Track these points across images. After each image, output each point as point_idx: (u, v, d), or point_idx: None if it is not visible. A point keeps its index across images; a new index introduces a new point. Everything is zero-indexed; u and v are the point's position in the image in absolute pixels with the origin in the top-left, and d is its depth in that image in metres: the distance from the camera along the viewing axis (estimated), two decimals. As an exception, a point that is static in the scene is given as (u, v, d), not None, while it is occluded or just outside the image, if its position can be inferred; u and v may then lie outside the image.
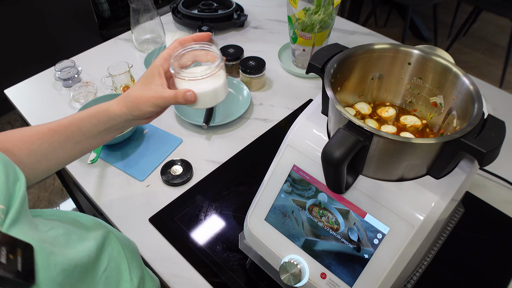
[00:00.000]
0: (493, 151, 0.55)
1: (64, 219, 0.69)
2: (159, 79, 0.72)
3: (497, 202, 1.01)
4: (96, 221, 0.77)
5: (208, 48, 0.75)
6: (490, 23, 3.87)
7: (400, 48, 0.70)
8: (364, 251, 0.67)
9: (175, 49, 0.75)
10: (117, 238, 0.77)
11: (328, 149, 0.55)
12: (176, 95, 0.71)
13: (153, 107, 0.71)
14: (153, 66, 0.73)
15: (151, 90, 0.71)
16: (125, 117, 0.73)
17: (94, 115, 0.73)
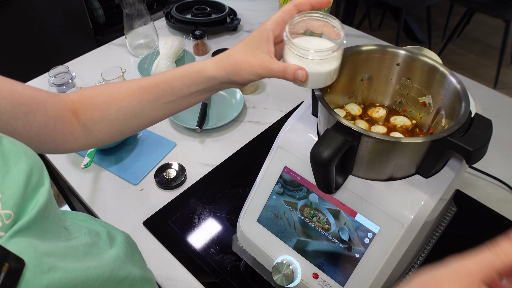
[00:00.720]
0: (480, 149, 0.55)
1: (94, 228, 0.68)
2: (268, 45, 0.64)
3: (490, 200, 1.02)
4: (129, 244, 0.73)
5: (331, 21, 0.67)
6: (484, 24, 3.89)
7: (387, 49, 0.71)
8: (355, 250, 0.67)
9: (289, 13, 0.65)
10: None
11: (316, 150, 0.55)
12: (286, 70, 0.62)
13: (256, 76, 0.64)
14: (263, 29, 0.64)
15: (257, 57, 0.63)
16: (222, 79, 0.67)
17: (188, 75, 0.69)
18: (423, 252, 0.89)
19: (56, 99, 0.69)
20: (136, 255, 0.74)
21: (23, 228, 0.47)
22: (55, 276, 0.48)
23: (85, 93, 0.72)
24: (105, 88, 0.71)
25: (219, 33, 1.66)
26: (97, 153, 1.15)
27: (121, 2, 1.41)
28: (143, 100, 0.70)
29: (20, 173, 0.50)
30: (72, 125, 0.70)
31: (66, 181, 1.12)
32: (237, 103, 1.29)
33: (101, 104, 0.70)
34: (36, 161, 0.54)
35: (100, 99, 0.70)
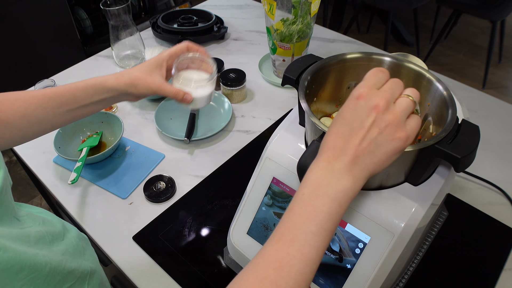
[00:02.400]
0: (468, 156, 0.55)
1: (49, 219, 0.71)
2: (161, 71, 0.85)
3: (481, 204, 1.02)
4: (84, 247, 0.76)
5: (206, 60, 0.90)
6: (471, 25, 3.92)
7: (372, 57, 0.70)
8: (346, 261, 0.67)
9: (181, 50, 0.88)
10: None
11: (302, 162, 0.55)
12: (177, 93, 0.85)
13: (149, 92, 0.83)
14: (161, 58, 0.85)
15: (153, 78, 0.83)
16: (120, 91, 0.81)
17: (91, 86, 0.80)
18: (415, 259, 0.89)
19: None
20: (89, 250, 0.78)
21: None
22: (4, 256, 0.50)
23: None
24: (10, 96, 0.77)
25: (206, 42, 1.65)
26: (85, 167, 1.14)
27: (106, 13, 1.40)
28: (47, 107, 0.78)
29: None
30: None
31: (54, 196, 1.10)
32: (226, 112, 1.29)
33: (5, 110, 0.74)
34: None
35: (5, 106, 0.75)
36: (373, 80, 0.53)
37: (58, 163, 1.17)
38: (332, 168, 0.51)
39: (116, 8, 1.39)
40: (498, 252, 0.92)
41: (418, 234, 0.66)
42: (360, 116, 0.51)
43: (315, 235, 0.50)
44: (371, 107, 0.50)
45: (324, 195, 0.50)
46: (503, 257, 0.91)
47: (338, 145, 0.52)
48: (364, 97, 0.51)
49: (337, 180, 0.51)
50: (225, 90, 1.33)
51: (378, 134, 0.50)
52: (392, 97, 0.52)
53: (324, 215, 0.50)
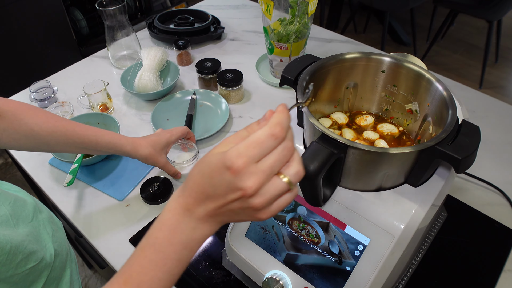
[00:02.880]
0: (468, 157, 0.54)
1: (23, 198, 0.78)
2: (167, 148, 1.04)
3: (480, 204, 1.01)
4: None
5: (192, 144, 1.14)
6: (467, 25, 3.93)
7: (371, 57, 0.70)
8: (345, 263, 0.66)
9: (182, 135, 1.08)
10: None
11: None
12: (175, 172, 1.06)
13: (152, 164, 1.01)
14: (170, 141, 1.04)
15: (162, 157, 1.01)
16: (132, 157, 0.98)
17: (112, 145, 0.94)
18: (415, 260, 0.88)
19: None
20: (59, 233, 0.82)
21: None
22: None
23: (14, 106, 0.85)
24: (36, 113, 0.87)
25: (203, 42, 1.64)
26: (81, 169, 1.13)
27: (102, 14, 1.39)
28: (68, 143, 0.89)
29: None
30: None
31: (49, 199, 1.09)
32: (223, 113, 1.28)
33: (22, 123, 0.84)
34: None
35: (25, 119, 0.84)
36: (256, 151, 0.45)
37: (53, 165, 1.16)
38: (190, 216, 0.51)
39: (111, 9, 1.38)
40: (498, 253, 0.92)
41: (418, 235, 0.65)
42: (225, 189, 0.47)
43: (161, 281, 0.51)
44: (239, 188, 0.46)
45: (177, 243, 0.51)
46: (502, 258, 0.90)
47: (200, 197, 0.49)
48: (235, 173, 0.45)
49: (192, 230, 0.51)
50: (222, 91, 1.32)
51: (239, 209, 0.48)
52: (268, 178, 0.46)
53: (174, 262, 0.51)
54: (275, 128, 0.45)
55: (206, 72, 1.35)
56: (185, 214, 0.51)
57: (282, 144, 0.46)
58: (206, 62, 1.36)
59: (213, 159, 0.47)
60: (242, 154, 0.45)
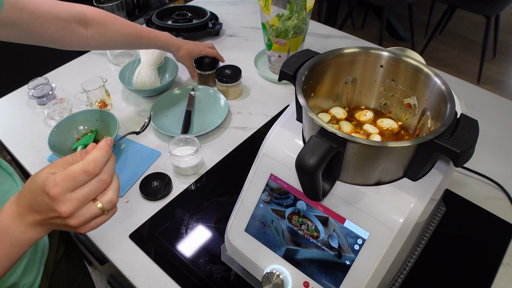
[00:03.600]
0: (467, 151, 0.54)
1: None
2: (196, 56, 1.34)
3: (478, 198, 1.02)
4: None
5: (194, 139, 1.11)
6: (465, 20, 3.93)
7: (370, 51, 0.70)
8: (345, 257, 0.66)
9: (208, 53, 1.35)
10: None
11: (301, 158, 0.54)
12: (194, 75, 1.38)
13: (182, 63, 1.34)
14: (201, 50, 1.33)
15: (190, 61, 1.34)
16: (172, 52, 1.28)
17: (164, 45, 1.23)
18: (414, 254, 0.88)
19: (69, 14, 0.98)
20: None
21: None
22: None
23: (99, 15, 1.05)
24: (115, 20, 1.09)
25: (201, 39, 1.64)
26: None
27: (100, 10, 1.39)
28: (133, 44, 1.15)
29: None
30: (79, 34, 1.02)
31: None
32: (222, 109, 1.28)
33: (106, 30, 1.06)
34: None
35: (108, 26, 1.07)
36: (70, 183, 0.53)
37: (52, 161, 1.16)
38: (21, 222, 0.57)
39: (109, 5, 1.38)
40: (496, 246, 0.92)
41: (417, 229, 0.65)
42: (46, 208, 0.55)
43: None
44: (55, 210, 0.54)
45: (7, 242, 0.57)
46: (501, 252, 0.91)
47: (29, 207, 0.57)
48: (51, 199, 0.53)
49: (22, 233, 0.58)
50: (221, 87, 1.32)
51: (59, 223, 0.57)
52: (82, 204, 0.55)
53: (3, 257, 0.58)
54: (89, 165, 0.54)
55: (205, 68, 1.35)
56: (17, 219, 0.57)
57: (97, 177, 0.55)
58: (205, 58, 1.36)
59: (38, 180, 0.55)
60: (58, 184, 0.53)
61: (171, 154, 1.06)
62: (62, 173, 0.54)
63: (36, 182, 0.55)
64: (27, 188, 0.57)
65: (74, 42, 1.02)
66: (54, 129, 1.15)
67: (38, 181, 0.55)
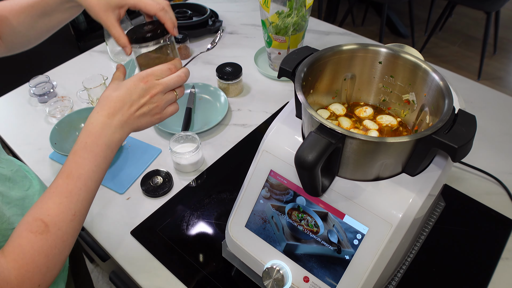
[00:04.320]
0: (464, 146, 0.55)
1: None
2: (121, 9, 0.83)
3: (477, 194, 1.02)
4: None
5: (195, 136, 1.11)
6: (465, 16, 3.92)
7: (368, 48, 0.70)
8: (344, 252, 0.67)
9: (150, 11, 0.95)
10: None
11: (300, 154, 0.54)
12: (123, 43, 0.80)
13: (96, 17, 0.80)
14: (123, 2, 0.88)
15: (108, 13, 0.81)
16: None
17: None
18: (413, 249, 0.89)
19: None
20: None
21: None
22: None
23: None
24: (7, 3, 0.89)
25: (201, 36, 1.65)
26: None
27: (100, 8, 1.39)
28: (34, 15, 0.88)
29: None
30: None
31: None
32: (222, 106, 1.28)
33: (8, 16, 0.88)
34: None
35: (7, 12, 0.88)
36: (158, 73, 0.73)
37: (54, 159, 1.17)
38: (110, 123, 0.69)
39: (110, 3, 1.37)
40: (495, 241, 0.93)
41: (415, 224, 0.66)
42: (139, 94, 0.71)
43: (95, 173, 0.68)
44: (147, 92, 0.71)
45: (102, 144, 0.68)
46: (500, 247, 0.91)
47: (118, 106, 0.70)
48: (145, 82, 0.71)
49: (113, 133, 0.70)
50: (222, 84, 1.33)
51: (146, 109, 0.72)
52: (165, 89, 0.73)
53: (101, 159, 0.69)
54: (171, 65, 0.75)
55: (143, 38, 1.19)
56: (106, 123, 0.69)
57: (177, 73, 0.75)
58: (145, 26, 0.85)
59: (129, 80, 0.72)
60: (150, 73, 0.73)
61: (172, 151, 1.06)
62: (152, 69, 0.73)
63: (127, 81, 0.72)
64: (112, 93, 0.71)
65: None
66: (55, 127, 1.16)
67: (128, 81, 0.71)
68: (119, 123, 0.70)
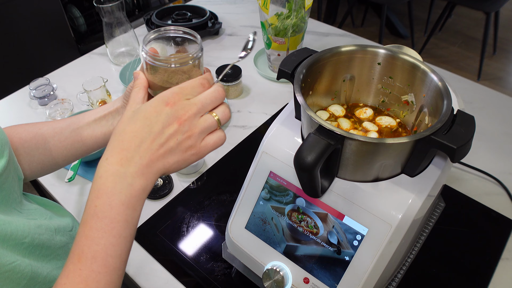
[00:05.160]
0: (463, 146, 0.55)
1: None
2: None
3: (477, 194, 1.02)
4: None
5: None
6: (465, 17, 3.92)
7: (367, 49, 0.70)
8: (344, 253, 0.67)
9: None
10: None
11: (299, 155, 0.55)
12: None
13: None
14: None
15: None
16: None
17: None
18: (413, 250, 0.89)
19: None
20: None
21: None
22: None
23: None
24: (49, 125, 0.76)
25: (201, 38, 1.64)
26: (82, 165, 1.14)
27: (99, 10, 1.39)
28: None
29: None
30: None
31: (51, 195, 1.10)
32: (222, 108, 1.28)
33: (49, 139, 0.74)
34: (2, 137, 0.58)
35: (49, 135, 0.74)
36: (188, 90, 0.53)
37: (54, 161, 1.17)
38: (125, 173, 0.50)
39: (109, 5, 1.38)
40: (495, 242, 0.93)
41: (415, 225, 0.66)
42: (163, 123, 0.51)
43: (115, 246, 0.50)
44: (175, 117, 0.52)
45: (118, 204, 0.50)
46: (500, 247, 0.92)
47: (133, 145, 0.51)
48: (172, 105, 0.52)
49: (130, 186, 0.50)
50: (221, 86, 1.33)
51: (174, 143, 0.52)
52: (199, 112, 0.53)
53: (121, 224, 0.50)
54: (203, 80, 0.55)
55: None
56: (119, 173, 0.50)
57: (213, 87, 0.55)
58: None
59: (146, 105, 0.53)
60: (176, 91, 0.52)
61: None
62: (178, 86, 0.54)
63: (144, 107, 0.53)
64: (125, 127, 0.52)
65: None
66: (55, 130, 1.16)
67: (147, 105, 0.53)
68: (137, 169, 0.51)
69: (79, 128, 0.73)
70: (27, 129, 0.74)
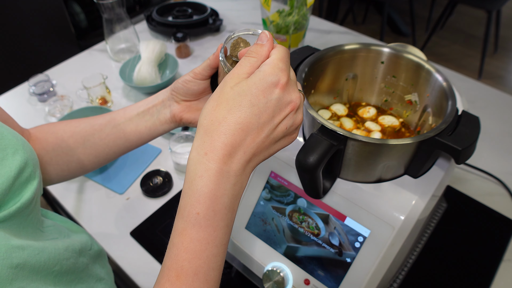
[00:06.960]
0: (468, 148, 0.54)
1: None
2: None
3: (480, 195, 1.01)
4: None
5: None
6: (466, 15, 3.91)
7: (371, 48, 0.69)
8: (346, 255, 0.66)
9: None
10: None
11: (301, 156, 0.54)
12: None
13: None
14: None
15: None
16: None
17: None
18: (415, 251, 0.88)
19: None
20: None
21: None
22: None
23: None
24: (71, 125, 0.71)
25: (202, 35, 1.64)
26: (81, 162, 1.13)
27: (100, 6, 1.38)
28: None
29: (14, 164, 0.50)
30: None
31: (50, 193, 1.09)
32: (222, 105, 1.27)
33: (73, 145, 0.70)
34: (33, 157, 0.55)
35: (73, 139, 0.70)
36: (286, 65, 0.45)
37: (53, 159, 1.16)
38: (229, 172, 0.43)
39: (110, 2, 1.37)
40: (497, 243, 0.92)
41: (418, 226, 0.65)
42: (274, 109, 0.44)
43: (217, 256, 0.45)
44: (288, 102, 0.44)
45: (221, 208, 0.44)
46: (502, 248, 0.91)
47: (238, 139, 0.43)
48: (284, 88, 0.44)
49: (233, 186, 0.44)
50: (221, 83, 1.32)
51: (283, 132, 0.46)
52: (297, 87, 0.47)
53: (224, 231, 0.45)
54: (267, 41, 0.47)
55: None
56: (222, 172, 0.43)
57: (277, 51, 0.47)
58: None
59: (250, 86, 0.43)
60: (283, 69, 0.44)
61: (172, 151, 1.05)
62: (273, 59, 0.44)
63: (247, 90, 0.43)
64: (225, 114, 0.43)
65: None
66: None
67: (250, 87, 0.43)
68: (240, 166, 0.44)
69: (121, 124, 0.69)
70: (63, 127, 0.70)
